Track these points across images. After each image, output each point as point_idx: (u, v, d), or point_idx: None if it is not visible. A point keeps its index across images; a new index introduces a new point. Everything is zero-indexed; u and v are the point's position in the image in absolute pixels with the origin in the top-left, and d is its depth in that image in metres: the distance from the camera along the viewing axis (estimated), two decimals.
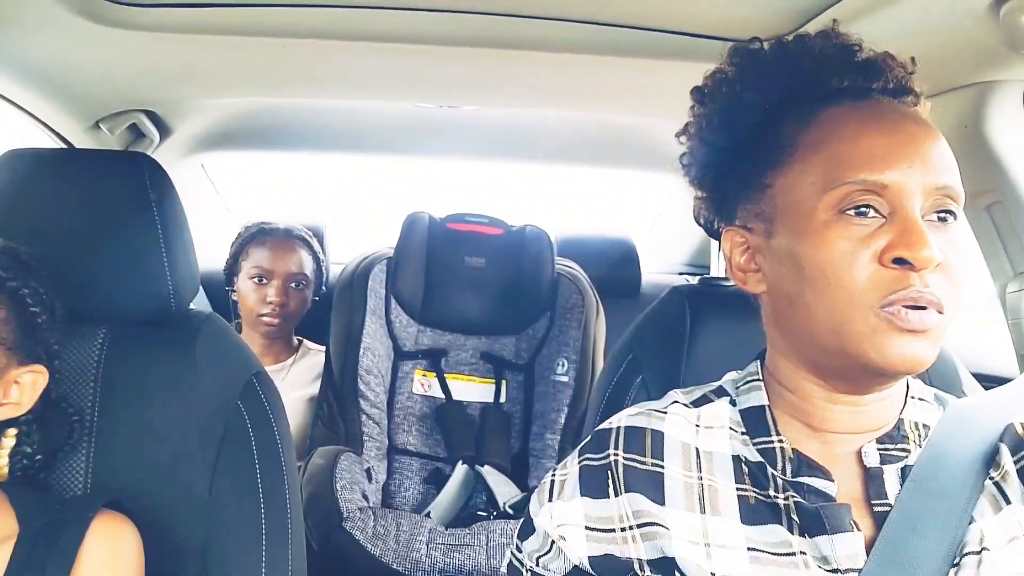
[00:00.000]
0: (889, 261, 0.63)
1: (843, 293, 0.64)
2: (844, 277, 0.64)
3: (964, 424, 0.72)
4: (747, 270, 0.74)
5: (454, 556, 1.56)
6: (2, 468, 0.86)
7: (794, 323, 0.69)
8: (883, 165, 0.64)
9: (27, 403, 0.84)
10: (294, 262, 1.94)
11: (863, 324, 0.63)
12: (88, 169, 1.04)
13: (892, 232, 0.64)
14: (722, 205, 0.79)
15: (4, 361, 0.82)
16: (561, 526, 0.74)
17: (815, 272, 0.65)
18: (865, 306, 0.63)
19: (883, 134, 0.66)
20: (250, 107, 1.96)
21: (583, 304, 1.93)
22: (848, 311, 0.64)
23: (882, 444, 0.70)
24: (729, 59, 0.77)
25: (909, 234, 0.63)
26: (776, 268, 0.70)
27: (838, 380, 0.69)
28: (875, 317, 0.63)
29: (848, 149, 0.66)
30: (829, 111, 0.69)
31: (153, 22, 1.22)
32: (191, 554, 0.93)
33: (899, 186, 0.64)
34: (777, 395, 0.74)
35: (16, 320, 0.84)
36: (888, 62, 0.72)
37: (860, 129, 0.66)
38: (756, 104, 0.73)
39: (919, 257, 0.62)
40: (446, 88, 1.68)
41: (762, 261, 0.72)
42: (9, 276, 0.85)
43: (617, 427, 0.76)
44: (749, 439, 0.73)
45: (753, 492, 0.71)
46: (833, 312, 0.64)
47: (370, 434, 1.82)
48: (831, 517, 0.67)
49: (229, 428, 0.97)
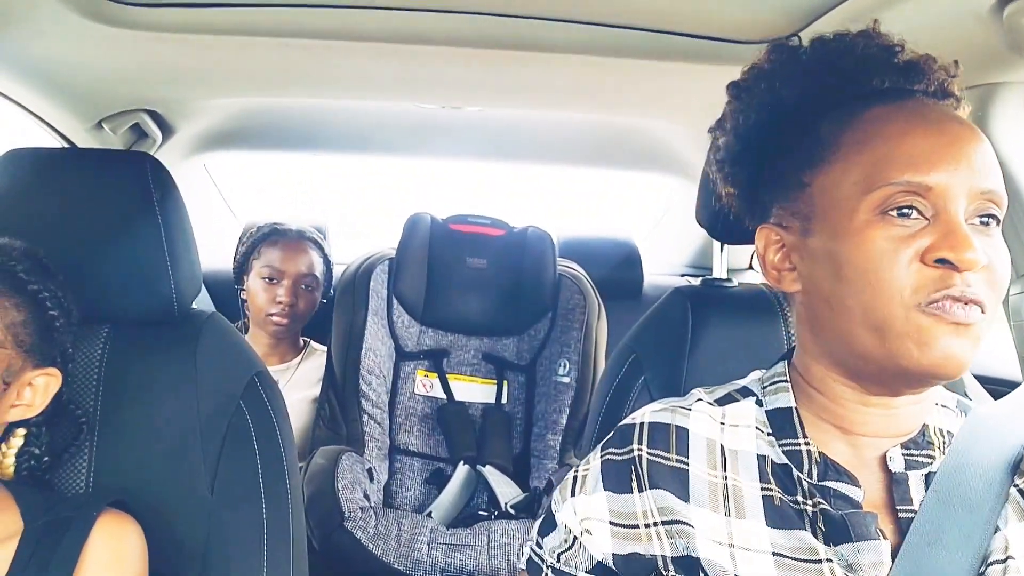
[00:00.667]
0: (931, 261, 0.62)
1: (883, 292, 0.63)
2: (885, 276, 0.62)
3: (987, 432, 0.71)
4: (781, 269, 0.72)
5: (455, 556, 1.57)
6: (8, 467, 0.86)
7: (831, 324, 0.68)
8: (928, 166, 0.63)
9: (39, 405, 0.85)
10: (305, 263, 1.95)
11: (905, 323, 0.62)
12: (91, 169, 1.04)
13: (935, 234, 0.62)
14: (755, 202, 0.77)
15: (20, 363, 0.83)
16: (585, 520, 0.74)
17: (854, 272, 0.64)
18: (908, 305, 0.62)
19: (928, 135, 0.64)
20: (253, 107, 1.96)
21: (585, 305, 1.93)
22: (889, 310, 0.62)
23: (907, 449, 0.69)
24: (768, 56, 0.75)
25: (953, 236, 0.62)
26: (813, 268, 0.69)
27: (873, 383, 0.68)
28: (919, 314, 0.62)
29: (892, 149, 0.64)
30: (872, 110, 0.68)
31: (156, 22, 1.22)
32: (192, 553, 0.93)
33: (943, 188, 0.63)
34: (806, 396, 0.73)
35: (35, 323, 0.85)
36: (930, 64, 0.71)
37: (905, 129, 0.65)
38: (795, 102, 0.72)
39: (963, 259, 0.61)
40: (449, 89, 1.68)
41: (798, 260, 0.71)
42: (31, 280, 0.85)
43: (641, 422, 0.75)
44: (775, 440, 0.72)
45: (779, 494, 0.70)
46: (874, 312, 0.63)
47: (372, 434, 1.82)
48: (856, 525, 0.66)
49: (231, 427, 0.97)
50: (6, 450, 0.86)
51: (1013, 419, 0.72)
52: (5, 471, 0.86)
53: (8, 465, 0.86)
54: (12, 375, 0.82)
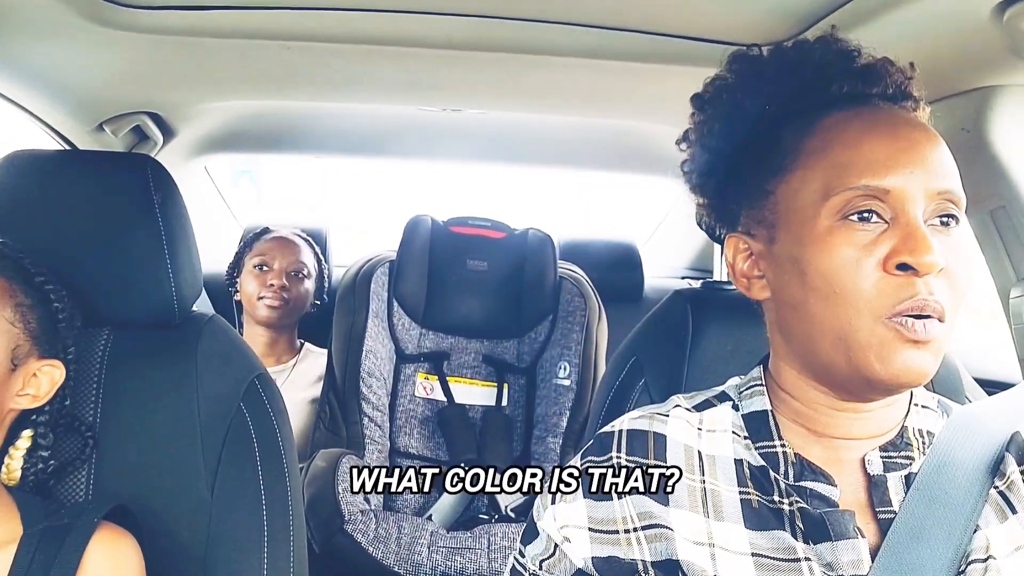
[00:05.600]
0: (893, 267, 0.63)
1: (849, 302, 0.64)
2: (849, 285, 0.63)
3: (969, 432, 0.72)
4: (750, 276, 0.74)
5: (455, 559, 1.56)
6: (14, 471, 0.87)
7: (798, 330, 0.69)
8: (884, 170, 0.64)
9: (44, 397, 0.86)
10: (294, 252, 2.00)
11: (869, 335, 0.63)
12: (91, 171, 1.04)
13: (895, 237, 0.63)
14: (724, 211, 0.78)
15: (27, 348, 0.85)
16: (564, 527, 0.74)
17: (819, 280, 0.65)
18: (872, 316, 0.63)
19: (884, 140, 0.66)
20: (254, 110, 1.96)
21: (585, 308, 1.93)
22: (855, 321, 0.64)
23: (885, 452, 0.70)
24: (728, 66, 0.77)
25: (912, 239, 0.63)
26: (779, 275, 0.70)
27: (841, 389, 0.69)
28: (882, 327, 0.63)
29: (850, 155, 0.66)
30: (830, 117, 0.69)
31: (157, 25, 1.22)
32: (193, 556, 0.93)
33: (901, 191, 0.64)
34: (780, 400, 0.74)
35: (41, 311, 0.87)
36: (887, 67, 0.72)
37: (861, 135, 0.66)
38: (757, 110, 0.73)
39: (922, 262, 0.62)
40: (450, 92, 1.68)
41: (765, 267, 0.72)
42: (38, 272, 0.89)
43: (619, 430, 0.76)
44: (752, 444, 0.73)
45: (756, 496, 0.70)
46: (838, 321, 0.64)
47: (372, 437, 1.82)
48: (835, 523, 0.67)
49: (231, 430, 0.97)
50: (13, 452, 0.87)
51: (994, 420, 0.73)
52: (12, 475, 0.87)
53: (15, 469, 0.87)
54: (19, 359, 0.84)
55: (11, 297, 0.84)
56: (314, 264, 2.05)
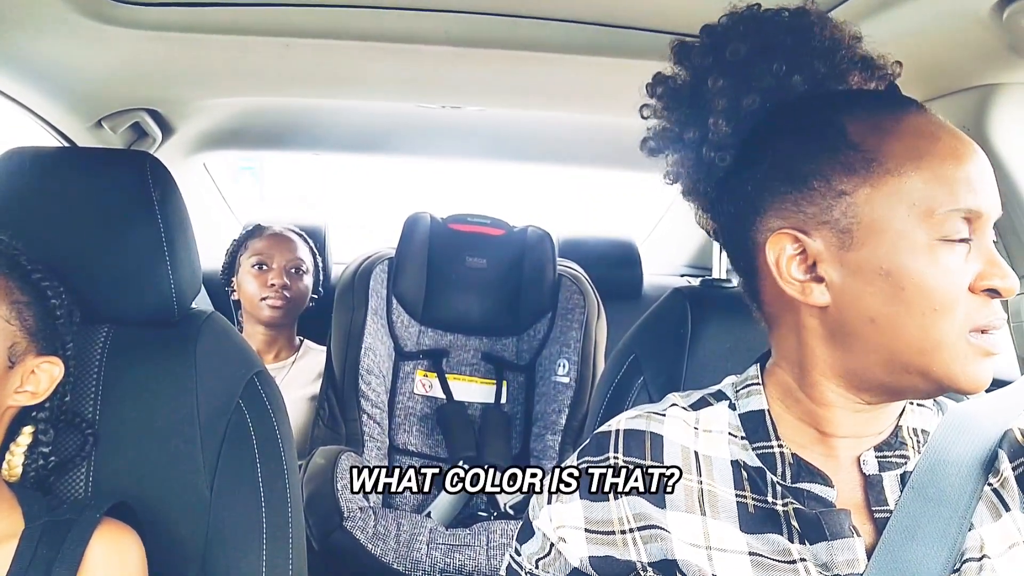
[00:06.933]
0: (981, 289, 0.64)
1: (944, 318, 0.64)
2: (948, 302, 0.64)
3: (963, 429, 0.72)
4: (805, 281, 0.68)
5: (454, 556, 1.56)
6: (16, 467, 0.87)
7: (869, 340, 0.66)
8: (981, 192, 0.65)
9: (43, 393, 0.86)
10: (292, 249, 2.00)
11: (953, 349, 0.64)
12: (90, 168, 1.04)
13: (980, 260, 0.65)
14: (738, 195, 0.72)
15: (24, 346, 0.85)
16: (560, 528, 0.74)
17: (918, 295, 0.63)
18: (958, 333, 0.64)
19: (971, 158, 0.65)
20: (253, 106, 1.96)
21: (584, 305, 1.93)
22: (945, 336, 0.64)
23: (880, 451, 0.70)
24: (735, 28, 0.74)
25: (997, 264, 0.65)
26: (857, 284, 0.65)
27: (884, 393, 0.69)
28: (965, 343, 0.64)
29: (952, 172, 0.64)
30: (908, 120, 0.66)
31: (156, 21, 1.22)
32: (192, 553, 0.93)
33: (988, 214, 0.65)
34: (788, 399, 0.73)
35: (38, 308, 0.87)
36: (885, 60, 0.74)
37: (955, 151, 0.65)
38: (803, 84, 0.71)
39: (1008, 288, 0.64)
40: (449, 89, 1.68)
41: (831, 272, 0.67)
42: (34, 268, 0.89)
43: (616, 430, 0.75)
44: (748, 444, 0.73)
45: (752, 499, 0.70)
46: (927, 335, 0.64)
47: (371, 434, 1.82)
48: (830, 524, 0.67)
49: (230, 427, 0.97)
50: (14, 448, 0.87)
51: (988, 417, 0.73)
52: (13, 471, 0.87)
53: (16, 465, 0.87)
54: (17, 356, 0.84)
55: (7, 294, 0.84)
56: (311, 259, 2.05)
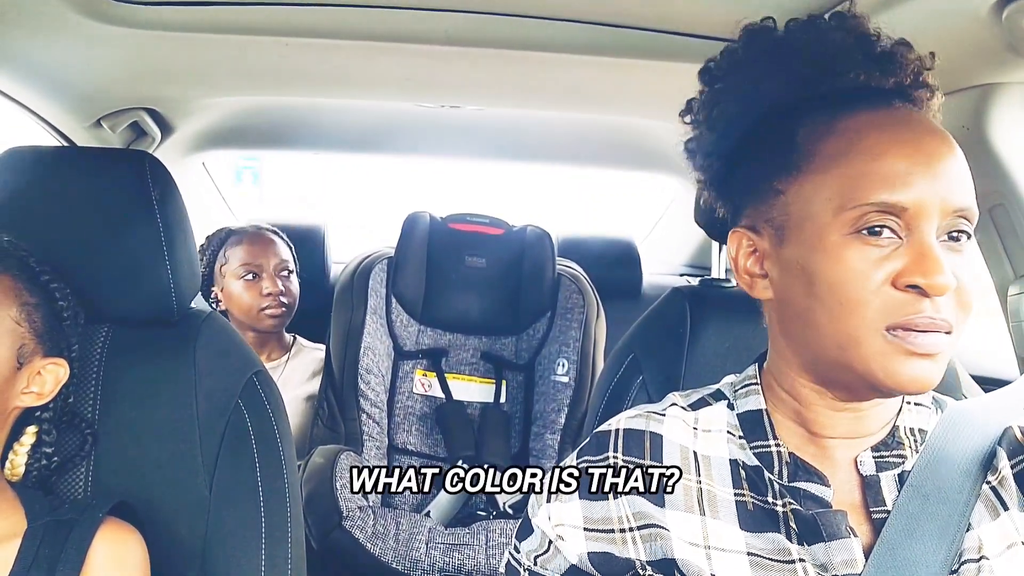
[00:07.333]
0: (903, 285, 0.62)
1: (854, 314, 0.62)
2: (855, 298, 0.62)
3: (961, 428, 0.72)
4: (754, 275, 0.72)
5: (453, 555, 1.57)
6: (18, 466, 0.87)
7: (801, 335, 0.68)
8: (903, 186, 0.62)
9: (48, 394, 0.86)
10: (276, 251, 1.93)
11: (870, 346, 0.62)
12: (89, 167, 1.04)
13: (907, 256, 0.62)
14: (727, 198, 0.76)
15: (32, 347, 0.85)
16: (559, 526, 0.74)
17: (826, 290, 0.64)
18: (874, 328, 0.62)
19: (904, 152, 0.63)
20: (252, 106, 1.96)
21: (584, 304, 1.93)
22: (858, 332, 0.63)
23: (877, 452, 0.70)
24: (742, 39, 0.73)
25: (925, 260, 0.61)
26: (785, 279, 0.68)
27: (842, 391, 0.68)
28: (883, 340, 0.62)
29: (868, 167, 0.63)
30: (848, 120, 0.66)
31: (155, 20, 1.22)
32: (191, 552, 0.93)
33: (917, 208, 0.62)
34: (777, 399, 0.73)
35: (46, 310, 0.87)
36: (905, 54, 0.70)
37: (880, 145, 0.64)
38: (771, 94, 0.70)
39: (934, 284, 0.60)
40: (448, 88, 1.68)
41: (770, 268, 0.70)
42: (43, 270, 0.89)
43: (616, 429, 0.75)
44: (746, 443, 0.73)
45: (751, 497, 0.70)
46: (841, 331, 0.63)
47: (370, 433, 1.82)
48: (827, 524, 0.67)
49: (229, 427, 0.97)
50: (18, 448, 0.87)
51: (987, 415, 0.73)
52: (15, 471, 0.87)
53: (19, 464, 0.87)
54: (25, 357, 0.84)
55: (16, 296, 0.84)
56: (292, 255, 1.98)
